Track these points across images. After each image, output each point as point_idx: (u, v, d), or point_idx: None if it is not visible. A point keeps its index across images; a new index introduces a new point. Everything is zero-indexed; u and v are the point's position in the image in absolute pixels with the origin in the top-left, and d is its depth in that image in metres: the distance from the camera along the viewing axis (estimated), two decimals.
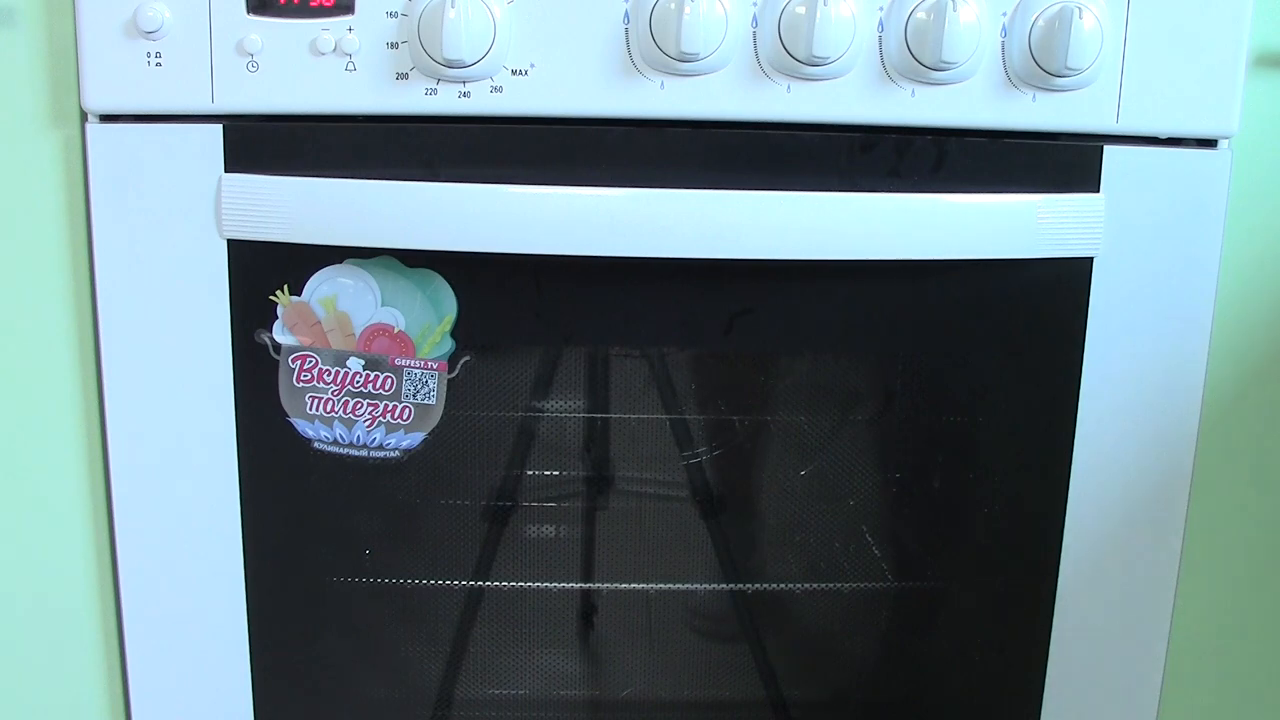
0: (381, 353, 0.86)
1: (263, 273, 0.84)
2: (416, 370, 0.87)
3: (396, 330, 0.86)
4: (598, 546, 0.97)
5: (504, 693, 0.99)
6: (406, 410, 0.87)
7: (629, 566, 0.98)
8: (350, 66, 0.80)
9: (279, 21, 0.79)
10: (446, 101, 0.81)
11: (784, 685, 0.99)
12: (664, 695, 1.00)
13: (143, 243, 0.83)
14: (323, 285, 0.85)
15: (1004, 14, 0.81)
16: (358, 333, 0.86)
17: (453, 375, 0.87)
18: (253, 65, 0.80)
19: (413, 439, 0.88)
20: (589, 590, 0.98)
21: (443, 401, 0.88)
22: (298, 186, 0.81)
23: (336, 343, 0.86)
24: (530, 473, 0.96)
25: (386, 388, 0.87)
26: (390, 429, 0.88)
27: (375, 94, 0.81)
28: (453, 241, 0.82)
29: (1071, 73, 0.81)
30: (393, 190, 0.81)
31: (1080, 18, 0.79)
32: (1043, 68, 0.81)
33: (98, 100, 0.80)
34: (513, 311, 0.87)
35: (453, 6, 0.77)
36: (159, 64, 0.80)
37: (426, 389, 0.87)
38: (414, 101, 0.81)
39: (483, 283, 0.85)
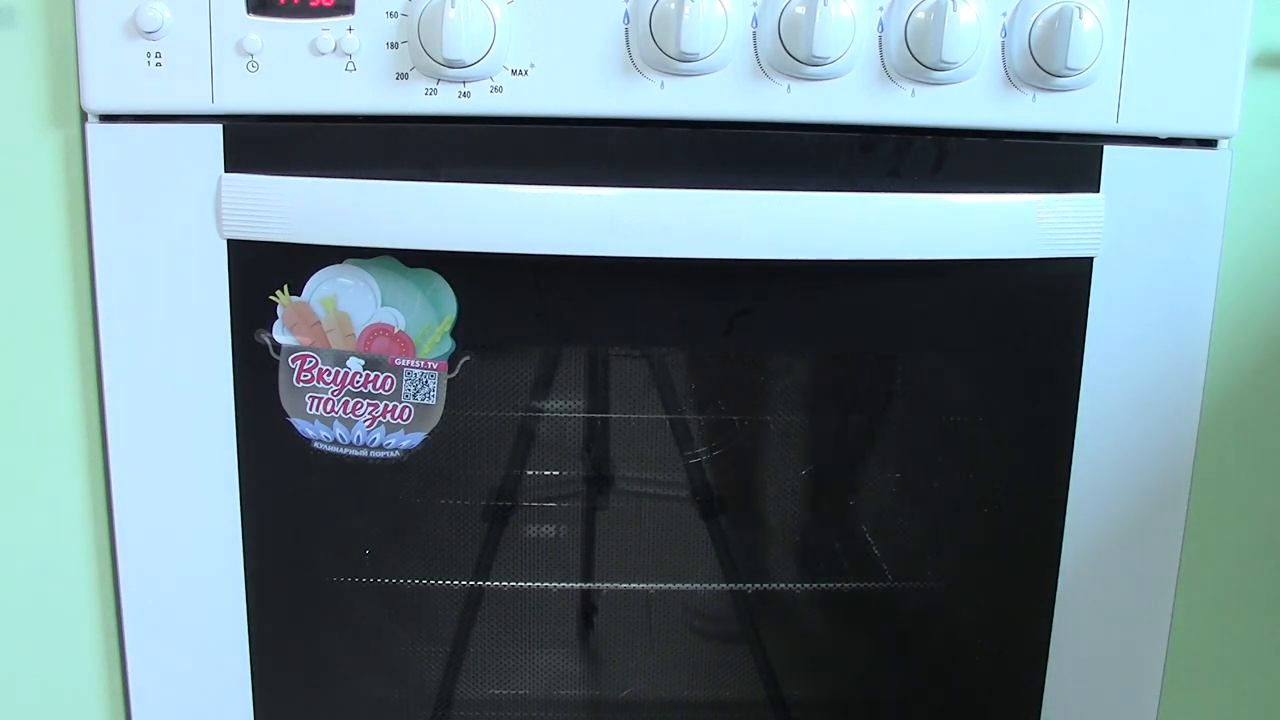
0: (381, 353, 0.86)
1: (263, 273, 0.84)
2: (416, 370, 0.87)
3: (396, 330, 0.86)
4: (598, 546, 0.97)
5: (504, 693, 0.99)
6: (406, 410, 0.87)
7: (629, 566, 0.98)
8: (350, 66, 0.80)
9: (279, 21, 0.79)
10: (446, 101, 0.81)
11: (784, 685, 0.99)
12: (664, 695, 1.00)
13: (143, 243, 0.83)
14: (323, 285, 0.85)
15: (1004, 14, 0.81)
16: (358, 333, 0.86)
17: (453, 375, 0.87)
18: (253, 65, 0.80)
19: (413, 439, 0.88)
20: (589, 590, 0.98)
21: (443, 401, 0.88)
22: (298, 186, 0.81)
23: (336, 343, 0.86)
24: (530, 473, 0.96)
25: (386, 388, 0.87)
26: (390, 429, 0.88)
27: (375, 94, 0.81)
28: (453, 241, 0.82)
29: (1071, 73, 0.81)
30: (393, 190, 0.81)
31: (1080, 18, 0.79)
32: (1043, 68, 0.81)
33: (98, 100, 0.80)
34: (513, 311, 0.87)
35: (453, 6, 0.77)
36: (159, 64, 0.80)
37: (426, 389, 0.87)
38: (414, 101, 0.81)
39: (483, 283, 0.85)
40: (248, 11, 0.79)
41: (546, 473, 0.96)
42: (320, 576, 0.92)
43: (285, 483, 0.89)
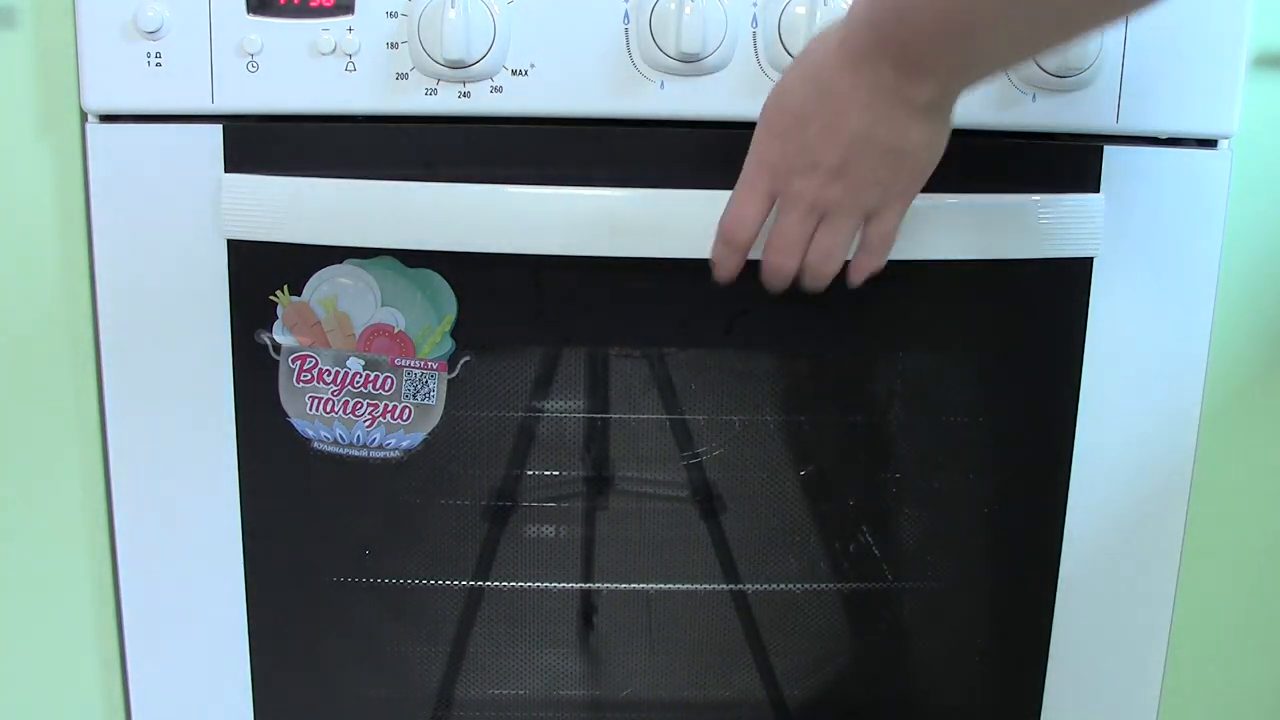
0: (381, 353, 0.86)
1: (263, 273, 0.84)
2: (416, 370, 0.87)
3: (396, 330, 0.86)
4: (598, 546, 0.97)
5: (504, 693, 0.99)
6: (406, 410, 0.87)
7: (629, 566, 0.98)
8: (350, 66, 0.80)
9: (279, 21, 0.79)
10: (446, 101, 0.81)
11: (784, 685, 0.99)
12: (664, 695, 1.00)
13: (143, 243, 0.83)
14: (323, 285, 0.85)
15: None
16: (358, 333, 0.86)
17: (453, 375, 0.87)
18: (253, 65, 0.80)
19: (413, 439, 0.88)
20: (589, 590, 0.98)
21: (443, 402, 0.88)
22: (298, 186, 0.81)
23: (336, 343, 0.86)
24: (530, 473, 0.96)
25: (386, 388, 0.87)
26: (390, 429, 0.88)
27: (375, 94, 0.81)
28: (452, 241, 0.82)
29: (1071, 73, 0.81)
30: (393, 190, 0.81)
31: None
32: (1043, 67, 0.81)
33: (98, 100, 0.80)
34: (513, 311, 0.87)
35: (453, 6, 0.77)
36: (159, 64, 0.80)
37: (426, 389, 0.87)
38: (414, 101, 0.81)
39: (483, 283, 0.85)
40: (248, 11, 0.79)
41: (546, 473, 0.96)
42: (320, 576, 0.92)
43: (285, 483, 0.89)
